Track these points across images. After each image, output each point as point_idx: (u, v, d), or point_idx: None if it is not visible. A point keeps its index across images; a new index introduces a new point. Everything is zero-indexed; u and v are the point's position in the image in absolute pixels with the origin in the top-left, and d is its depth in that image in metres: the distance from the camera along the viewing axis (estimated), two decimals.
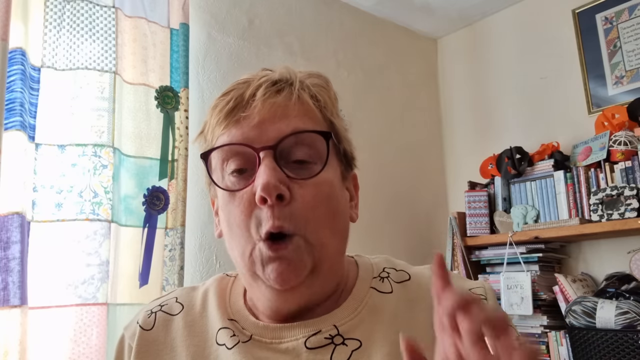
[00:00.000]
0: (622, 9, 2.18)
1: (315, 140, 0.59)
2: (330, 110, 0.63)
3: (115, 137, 1.62)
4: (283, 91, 0.60)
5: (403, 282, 0.66)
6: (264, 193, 0.55)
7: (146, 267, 1.63)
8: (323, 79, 0.65)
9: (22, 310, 1.35)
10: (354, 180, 0.68)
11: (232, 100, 0.60)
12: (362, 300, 0.63)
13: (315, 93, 0.62)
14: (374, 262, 0.69)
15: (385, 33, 2.63)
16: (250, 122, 0.58)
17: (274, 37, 2.18)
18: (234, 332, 0.62)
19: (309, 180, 0.58)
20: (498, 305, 0.65)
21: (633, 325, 1.70)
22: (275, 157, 0.57)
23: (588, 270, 2.14)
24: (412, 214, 2.52)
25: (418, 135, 2.66)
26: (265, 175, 0.55)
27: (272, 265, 0.56)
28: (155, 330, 0.66)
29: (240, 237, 0.58)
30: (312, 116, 0.60)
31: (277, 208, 0.56)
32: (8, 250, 1.37)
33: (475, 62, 2.68)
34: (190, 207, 1.77)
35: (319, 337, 0.59)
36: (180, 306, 0.68)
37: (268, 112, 0.58)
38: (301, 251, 0.57)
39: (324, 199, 0.58)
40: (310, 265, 0.57)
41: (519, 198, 2.22)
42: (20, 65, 1.45)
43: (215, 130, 0.61)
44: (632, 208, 1.82)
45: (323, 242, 0.58)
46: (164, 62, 1.78)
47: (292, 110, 0.59)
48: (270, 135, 0.58)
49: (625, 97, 2.12)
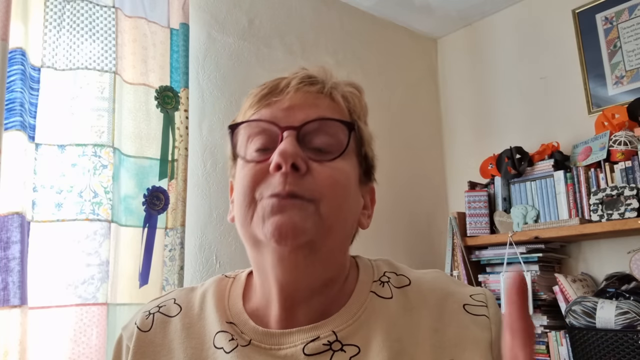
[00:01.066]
0: (622, 9, 2.18)
1: (338, 130, 0.60)
2: (358, 114, 0.64)
3: (115, 137, 1.62)
4: (316, 84, 0.62)
5: (403, 287, 0.65)
6: (280, 159, 0.56)
7: (146, 267, 1.63)
8: (357, 87, 0.67)
9: (22, 310, 1.35)
10: (371, 193, 0.68)
11: (266, 88, 0.62)
12: (361, 305, 0.62)
13: (347, 94, 0.64)
14: (375, 265, 0.69)
15: (385, 33, 2.63)
16: (280, 105, 0.60)
17: (274, 37, 2.18)
18: (232, 336, 0.62)
19: (327, 162, 0.59)
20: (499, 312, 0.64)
21: (633, 325, 1.70)
22: (297, 138, 0.58)
23: (588, 270, 2.14)
24: (412, 214, 2.52)
25: (418, 135, 2.66)
26: (283, 145, 0.57)
27: (273, 218, 0.56)
28: (152, 331, 0.65)
29: (245, 199, 0.59)
30: (339, 110, 0.62)
31: (291, 176, 0.56)
32: (8, 250, 1.37)
33: (475, 62, 2.68)
34: (190, 207, 1.77)
35: (317, 343, 0.59)
36: (178, 308, 0.67)
37: (299, 100, 0.60)
38: (307, 215, 0.56)
39: (341, 183, 0.59)
40: (311, 233, 0.56)
41: (519, 198, 2.22)
42: (20, 65, 1.45)
43: (247, 112, 0.63)
44: (632, 208, 1.82)
45: (332, 223, 0.58)
46: (164, 62, 1.78)
47: (322, 101, 0.61)
48: (297, 118, 0.59)
49: (625, 97, 2.12)
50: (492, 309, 0.63)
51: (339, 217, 0.59)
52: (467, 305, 0.63)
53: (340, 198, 0.59)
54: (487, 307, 0.63)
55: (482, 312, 0.63)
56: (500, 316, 0.63)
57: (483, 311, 0.63)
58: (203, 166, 1.89)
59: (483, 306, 0.63)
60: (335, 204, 0.58)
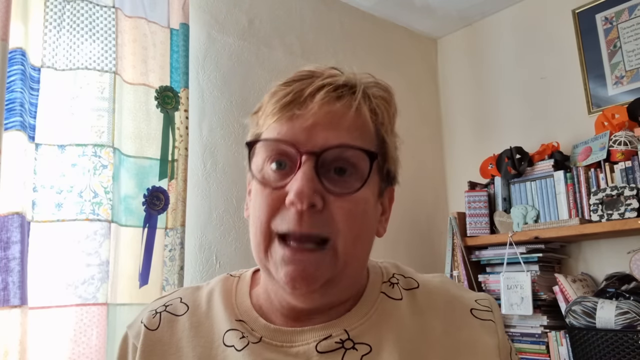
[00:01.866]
0: (622, 9, 2.18)
1: (360, 157, 0.58)
2: (386, 127, 0.62)
3: (115, 137, 1.62)
4: (343, 99, 0.59)
5: (412, 289, 0.67)
6: (296, 199, 0.54)
7: (146, 267, 1.63)
8: (388, 92, 0.64)
9: (22, 310, 1.35)
10: (390, 193, 0.67)
11: (291, 94, 0.59)
12: (372, 305, 0.63)
13: (375, 106, 0.61)
14: (383, 266, 0.70)
15: (385, 33, 2.63)
16: (302, 122, 0.57)
17: (274, 37, 2.18)
18: (243, 334, 0.62)
19: (346, 196, 0.57)
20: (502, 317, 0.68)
21: (633, 325, 1.70)
22: (316, 165, 0.56)
23: (588, 270, 2.14)
24: (412, 214, 2.52)
25: (418, 135, 2.66)
26: (301, 182, 0.55)
27: (286, 268, 0.56)
28: (160, 330, 0.66)
29: (259, 228, 0.58)
30: (364, 131, 0.59)
31: (306, 215, 0.55)
32: (8, 250, 1.37)
33: (475, 62, 2.68)
34: (190, 207, 1.77)
35: (329, 341, 0.60)
36: (185, 307, 0.68)
37: (322, 118, 0.57)
38: (321, 261, 0.56)
39: (359, 216, 0.58)
40: (326, 276, 0.57)
41: (519, 198, 2.22)
42: (20, 65, 1.45)
43: (268, 119, 0.60)
44: (632, 208, 1.82)
45: (349, 258, 0.58)
46: (164, 62, 1.78)
47: (346, 121, 0.58)
48: (317, 141, 0.57)
49: (625, 97, 2.12)
50: (496, 314, 0.66)
51: (356, 248, 0.58)
52: (474, 310, 0.65)
53: (357, 230, 0.58)
54: (492, 312, 0.66)
55: (489, 317, 0.65)
56: (503, 323, 0.66)
57: (489, 316, 0.65)
58: (203, 166, 1.89)
59: (489, 311, 0.65)
60: (351, 238, 0.57)
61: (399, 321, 0.62)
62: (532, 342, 2.02)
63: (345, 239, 0.57)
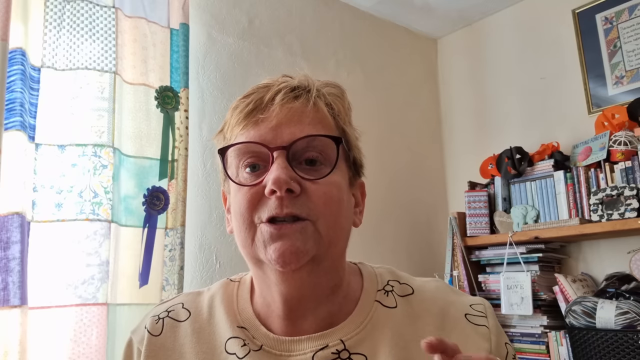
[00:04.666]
0: (622, 9, 2.18)
1: (326, 144, 0.62)
2: (344, 118, 0.66)
3: (115, 137, 1.62)
4: (300, 97, 0.63)
5: (407, 295, 0.67)
6: (275, 186, 0.57)
7: (146, 267, 1.63)
8: (339, 89, 0.68)
9: (22, 311, 1.35)
10: (361, 188, 0.70)
11: (252, 103, 0.62)
12: (367, 314, 0.64)
13: (331, 102, 0.65)
14: (378, 273, 0.70)
15: (385, 33, 2.63)
16: (267, 124, 0.61)
17: (274, 37, 2.18)
18: (244, 342, 0.63)
19: (319, 180, 0.60)
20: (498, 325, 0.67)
21: (633, 325, 1.70)
22: (287, 158, 0.59)
23: (588, 270, 2.14)
24: (412, 214, 2.52)
25: (418, 135, 2.66)
26: (276, 171, 0.58)
27: (274, 244, 0.58)
28: (163, 336, 0.67)
29: (242, 223, 0.60)
30: (325, 123, 0.63)
31: (286, 199, 0.58)
32: (8, 250, 1.37)
33: (475, 62, 2.68)
34: (190, 207, 1.77)
35: (326, 351, 0.61)
36: (187, 312, 0.69)
37: (285, 116, 0.61)
38: (307, 235, 0.58)
39: (335, 198, 0.61)
40: (312, 252, 0.59)
41: (519, 198, 2.22)
42: (20, 66, 1.45)
43: (235, 129, 0.63)
44: (632, 208, 1.82)
45: (331, 238, 0.60)
46: (164, 62, 1.78)
47: (307, 116, 0.62)
48: (285, 137, 0.60)
49: (625, 97, 2.12)
50: (491, 319, 0.66)
51: (336, 229, 0.61)
52: (469, 315, 0.65)
53: (336, 212, 0.61)
54: (487, 317, 0.66)
55: (483, 322, 0.65)
56: (498, 327, 0.66)
57: (483, 321, 0.65)
58: (203, 166, 1.89)
59: (483, 316, 0.66)
60: (332, 219, 0.60)
61: (394, 330, 0.63)
62: (532, 342, 2.02)
63: (327, 220, 0.59)
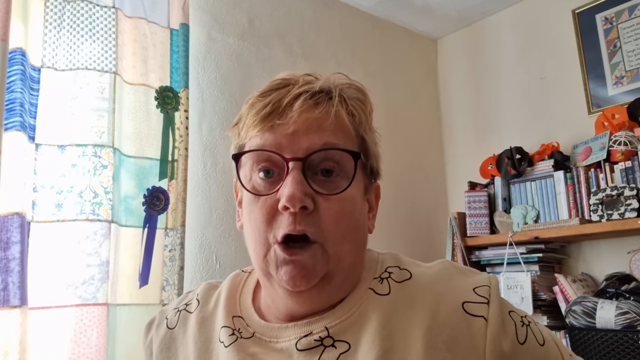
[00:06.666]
0: (622, 9, 2.18)
1: (344, 157, 0.60)
2: (364, 126, 0.64)
3: (115, 137, 1.62)
4: (321, 105, 0.61)
5: (403, 281, 0.64)
6: (288, 204, 0.56)
7: (146, 268, 1.63)
8: (362, 92, 0.66)
9: (22, 311, 1.35)
10: (376, 190, 0.69)
11: (269, 105, 0.60)
12: (357, 302, 0.63)
13: (352, 109, 0.63)
14: (380, 259, 0.68)
15: (385, 33, 2.63)
16: (284, 130, 0.59)
17: (274, 37, 2.18)
18: (232, 331, 0.65)
19: (333, 196, 0.59)
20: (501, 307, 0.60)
21: (633, 326, 1.70)
22: (303, 169, 0.58)
23: (588, 271, 2.14)
24: (412, 214, 2.52)
25: (418, 135, 2.66)
26: (291, 187, 0.57)
27: (286, 267, 0.58)
28: (177, 329, 0.71)
29: (257, 239, 0.60)
30: (345, 132, 0.62)
31: (299, 215, 0.57)
32: (8, 250, 1.37)
33: (475, 62, 2.68)
34: (190, 208, 1.77)
35: (309, 338, 0.60)
36: (197, 303, 0.72)
37: (303, 125, 0.59)
38: (316, 259, 0.58)
39: (346, 214, 0.60)
40: (322, 274, 0.59)
41: (519, 198, 2.22)
42: (20, 66, 1.45)
43: (250, 130, 0.62)
44: (632, 208, 1.82)
45: (340, 255, 0.60)
46: (164, 63, 1.78)
47: (327, 125, 0.60)
48: (302, 145, 0.59)
49: (625, 97, 2.12)
50: (493, 305, 0.60)
51: (344, 245, 0.60)
52: (467, 304, 0.60)
53: (345, 229, 0.60)
54: (488, 304, 0.60)
55: (481, 311, 0.59)
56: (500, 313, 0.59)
57: (482, 310, 0.59)
58: (203, 166, 1.89)
59: (484, 303, 0.60)
60: (340, 238, 0.59)
61: (381, 317, 0.60)
62: None
63: (334, 240, 0.59)
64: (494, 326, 0.58)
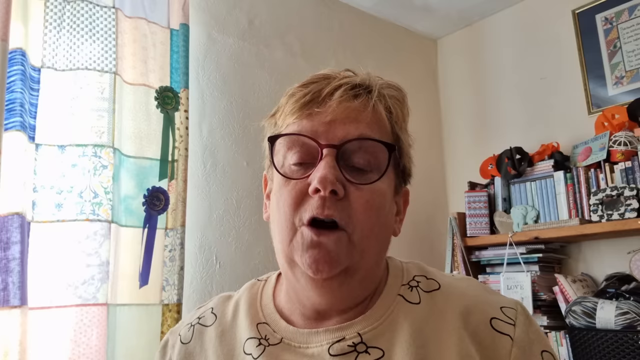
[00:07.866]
0: (622, 9, 2.18)
1: (378, 150, 0.60)
2: (400, 125, 0.66)
3: (115, 137, 1.62)
4: (360, 97, 0.61)
5: (432, 291, 0.64)
6: (320, 185, 0.56)
7: (146, 268, 1.63)
8: (401, 92, 0.67)
9: (22, 311, 1.35)
10: (405, 195, 0.70)
11: (309, 94, 0.61)
12: (388, 308, 0.62)
13: (390, 105, 0.64)
14: (405, 268, 0.68)
15: (385, 33, 2.63)
16: (322, 118, 0.60)
17: (274, 38, 2.18)
18: (259, 341, 0.63)
19: (365, 186, 0.59)
20: (530, 333, 0.60)
21: (633, 326, 1.70)
22: (336, 157, 0.58)
23: (588, 271, 2.14)
24: (412, 214, 2.51)
25: (418, 135, 2.66)
26: (324, 170, 0.57)
27: (311, 251, 0.57)
28: (192, 343, 0.69)
29: (283, 222, 0.60)
30: (381, 126, 0.62)
31: (329, 200, 0.57)
32: (8, 250, 1.37)
33: (475, 62, 2.68)
34: (190, 208, 1.77)
35: (342, 344, 0.60)
36: (214, 317, 0.70)
37: (341, 114, 0.60)
38: (341, 247, 0.57)
39: (376, 207, 0.60)
40: (345, 264, 0.58)
41: (519, 198, 2.22)
42: (20, 66, 1.45)
43: (287, 117, 0.62)
44: (632, 208, 1.82)
45: (364, 248, 0.59)
46: (164, 63, 1.78)
47: (364, 116, 0.60)
48: (337, 134, 0.59)
49: (625, 97, 2.12)
50: (519, 328, 0.59)
51: (370, 238, 0.60)
52: (494, 320, 0.60)
53: (374, 221, 0.59)
54: (515, 325, 0.60)
55: (508, 330, 0.59)
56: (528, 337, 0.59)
57: (508, 330, 0.59)
58: (203, 167, 1.89)
59: (510, 324, 0.59)
60: (367, 229, 0.59)
61: (414, 326, 0.60)
62: None
63: (362, 229, 0.58)
64: (520, 348, 0.58)
